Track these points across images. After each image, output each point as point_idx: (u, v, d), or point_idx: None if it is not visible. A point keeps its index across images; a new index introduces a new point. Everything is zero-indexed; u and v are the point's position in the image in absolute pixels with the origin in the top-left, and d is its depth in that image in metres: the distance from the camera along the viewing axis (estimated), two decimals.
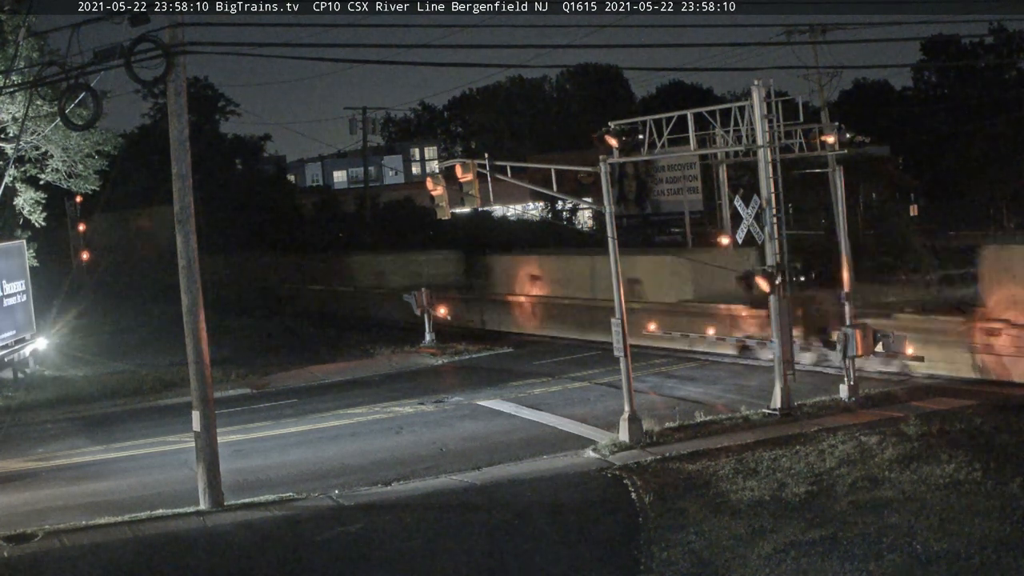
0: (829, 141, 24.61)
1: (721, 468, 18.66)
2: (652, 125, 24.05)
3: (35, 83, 21.63)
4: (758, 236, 23.40)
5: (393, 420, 25.46)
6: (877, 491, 16.60)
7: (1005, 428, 19.87)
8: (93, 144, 33.25)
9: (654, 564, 14.44)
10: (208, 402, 18.54)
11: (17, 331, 32.23)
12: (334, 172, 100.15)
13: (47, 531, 17.15)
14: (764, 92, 23.11)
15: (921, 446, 18.91)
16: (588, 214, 62.10)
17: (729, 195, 35.58)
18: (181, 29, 17.75)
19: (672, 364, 30.02)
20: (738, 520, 15.77)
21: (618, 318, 21.59)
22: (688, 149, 26.03)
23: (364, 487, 19.55)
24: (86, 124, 22.42)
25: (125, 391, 30.57)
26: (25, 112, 27.50)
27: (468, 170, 23.70)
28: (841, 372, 24.14)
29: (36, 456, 23.75)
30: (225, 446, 20.08)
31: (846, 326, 23.84)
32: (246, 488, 19.60)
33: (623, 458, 20.18)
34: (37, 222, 34.37)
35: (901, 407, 22.58)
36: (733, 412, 23.02)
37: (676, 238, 44.30)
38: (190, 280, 18.45)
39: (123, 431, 25.93)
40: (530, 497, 18.20)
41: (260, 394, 30.29)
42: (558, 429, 23.32)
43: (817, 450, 19.28)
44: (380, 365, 33.91)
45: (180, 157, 18.33)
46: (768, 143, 23.18)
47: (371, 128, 64.12)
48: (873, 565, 13.56)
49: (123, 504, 18.85)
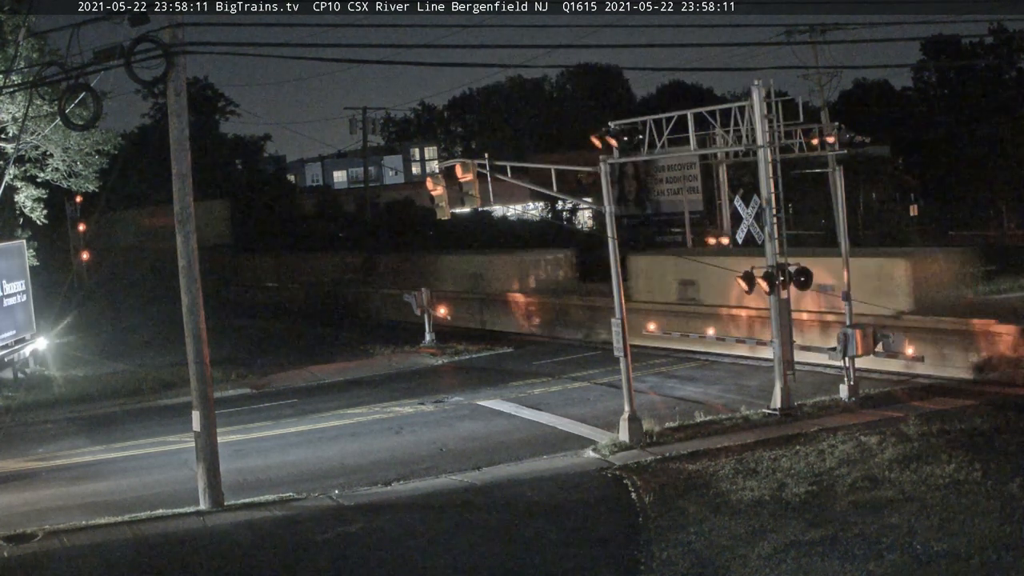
0: (829, 141, 24.64)
1: (721, 468, 18.66)
2: (652, 125, 24.05)
3: (35, 83, 21.63)
4: (758, 236, 23.42)
5: (393, 420, 25.46)
6: (877, 491, 16.60)
7: (1005, 428, 19.88)
8: (93, 144, 33.24)
9: (654, 564, 14.44)
10: (208, 402, 18.55)
11: (17, 331, 32.22)
12: (334, 172, 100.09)
13: (47, 531, 17.16)
14: (764, 92, 23.12)
15: (921, 446, 18.91)
16: (588, 214, 62.12)
17: (729, 195, 35.69)
18: (181, 29, 17.77)
19: (673, 364, 30.01)
20: (738, 520, 15.77)
21: (618, 318, 21.58)
22: (688, 149, 26.04)
23: (364, 487, 19.55)
24: (86, 124, 22.39)
25: (125, 391, 30.57)
26: (25, 112, 27.49)
27: (468, 170, 23.70)
28: (841, 372, 24.14)
29: (36, 456, 23.75)
30: (225, 446, 20.08)
31: (846, 326, 23.85)
32: (246, 488, 19.60)
33: (623, 458, 20.19)
34: (39, 220, 34.37)
35: (901, 407, 22.58)
36: (733, 412, 23.02)
37: (676, 238, 44.28)
38: (190, 280, 18.45)
39: (123, 431, 25.93)
40: (530, 497, 18.20)
41: (260, 394, 30.29)
42: (558, 429, 23.33)
43: (817, 450, 19.28)
44: (380, 365, 33.91)
45: (180, 157, 18.34)
46: (768, 143, 23.17)
47: (371, 128, 64.05)
48: (873, 565, 13.56)
49: (123, 504, 18.85)
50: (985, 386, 23.82)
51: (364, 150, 65.32)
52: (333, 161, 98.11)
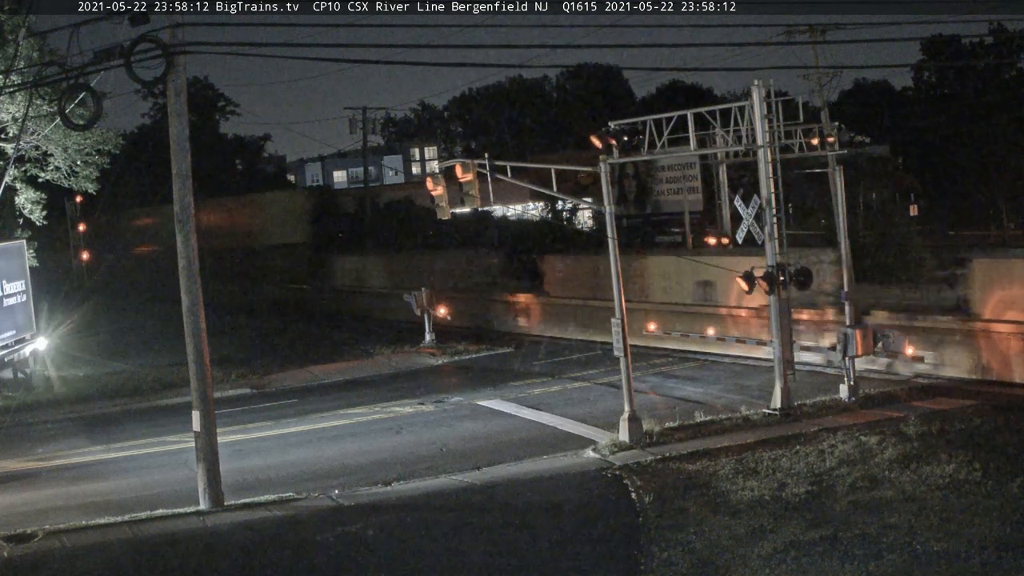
0: (829, 141, 24.63)
1: (721, 468, 18.66)
2: (652, 125, 24.04)
3: (35, 83, 21.66)
4: (758, 236, 23.40)
5: (393, 420, 25.46)
6: (877, 491, 16.60)
7: (1005, 428, 19.88)
8: (93, 144, 33.25)
9: (654, 564, 14.44)
10: (208, 402, 18.55)
11: (17, 331, 32.20)
12: (334, 172, 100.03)
13: (47, 531, 17.15)
14: (764, 92, 23.12)
15: (921, 446, 18.92)
16: (588, 214, 62.01)
17: (729, 195, 35.66)
18: (181, 29, 17.76)
19: (672, 364, 30.02)
20: (738, 520, 15.77)
21: (618, 318, 21.58)
22: (688, 149, 26.02)
23: (364, 487, 19.55)
24: (86, 124, 22.43)
25: (125, 391, 30.58)
26: (25, 112, 27.51)
27: (468, 170, 23.71)
28: (841, 372, 24.14)
29: (36, 456, 23.75)
30: (225, 446, 20.08)
31: (846, 326, 23.85)
32: (246, 488, 19.60)
33: (623, 458, 20.19)
34: (38, 221, 34.38)
35: (901, 407, 22.58)
36: (733, 412, 23.02)
37: (676, 238, 44.25)
38: (190, 280, 18.44)
39: (123, 431, 25.93)
40: (530, 497, 18.20)
41: (260, 394, 30.29)
42: (558, 429, 23.33)
43: (817, 450, 19.28)
44: (380, 365, 33.91)
45: (180, 157, 18.34)
46: (768, 143, 23.18)
47: (371, 128, 63.95)
48: (873, 565, 13.56)
49: (123, 504, 18.85)
50: (985, 386, 23.85)
51: (364, 150, 65.27)
52: (333, 161, 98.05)
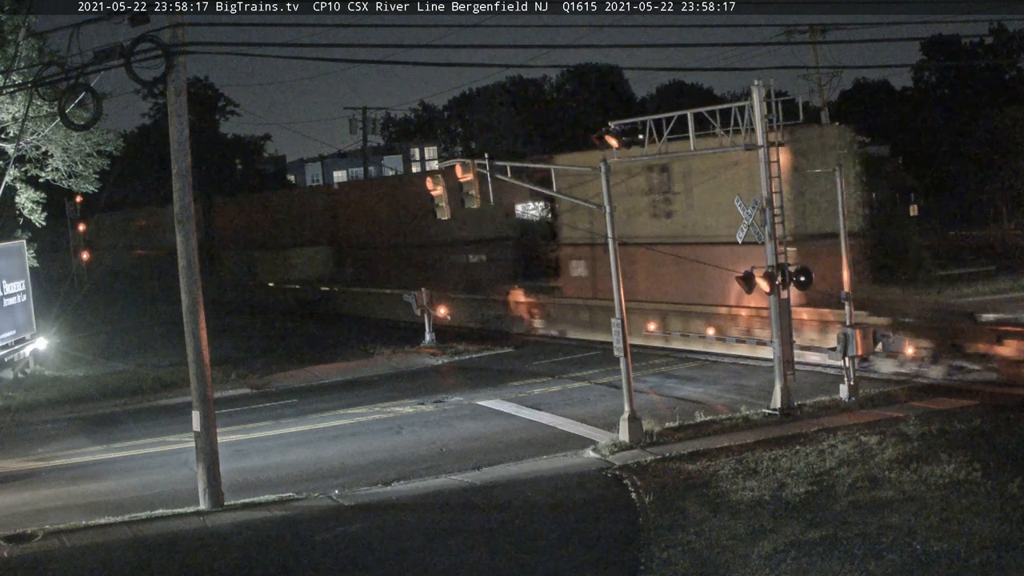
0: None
1: (721, 468, 18.66)
2: (652, 125, 24.06)
3: (35, 83, 21.61)
4: (758, 236, 23.39)
5: (393, 420, 25.46)
6: (877, 491, 16.60)
7: (1005, 428, 19.88)
8: (93, 144, 33.29)
9: (654, 564, 14.43)
10: (208, 402, 18.55)
11: (17, 331, 32.25)
12: (334, 172, 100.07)
13: (47, 531, 17.16)
14: (764, 92, 23.12)
15: (921, 446, 18.92)
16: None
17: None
18: (181, 29, 17.77)
19: (672, 364, 30.02)
20: (738, 520, 15.77)
21: (618, 318, 21.59)
22: (688, 149, 26.04)
23: (364, 487, 19.55)
24: (86, 124, 22.40)
25: (125, 391, 30.58)
26: (25, 112, 27.53)
27: (468, 170, 23.73)
28: (841, 372, 24.13)
29: (36, 456, 23.75)
30: (225, 446, 20.09)
31: (846, 326, 23.84)
32: (246, 488, 19.60)
33: (623, 458, 20.19)
34: (38, 222, 34.41)
35: (901, 407, 22.57)
36: (733, 412, 23.02)
37: None
38: (190, 280, 18.44)
39: (123, 431, 25.93)
40: (530, 497, 18.20)
41: (260, 394, 30.29)
42: (558, 429, 23.33)
43: (817, 450, 19.29)
44: (380, 365, 33.91)
45: (180, 157, 18.34)
46: (768, 143, 23.17)
47: (371, 128, 64.11)
48: (873, 565, 13.56)
49: (123, 504, 18.86)
50: (985, 386, 23.84)
51: (364, 150, 65.39)
52: (333, 161, 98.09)
